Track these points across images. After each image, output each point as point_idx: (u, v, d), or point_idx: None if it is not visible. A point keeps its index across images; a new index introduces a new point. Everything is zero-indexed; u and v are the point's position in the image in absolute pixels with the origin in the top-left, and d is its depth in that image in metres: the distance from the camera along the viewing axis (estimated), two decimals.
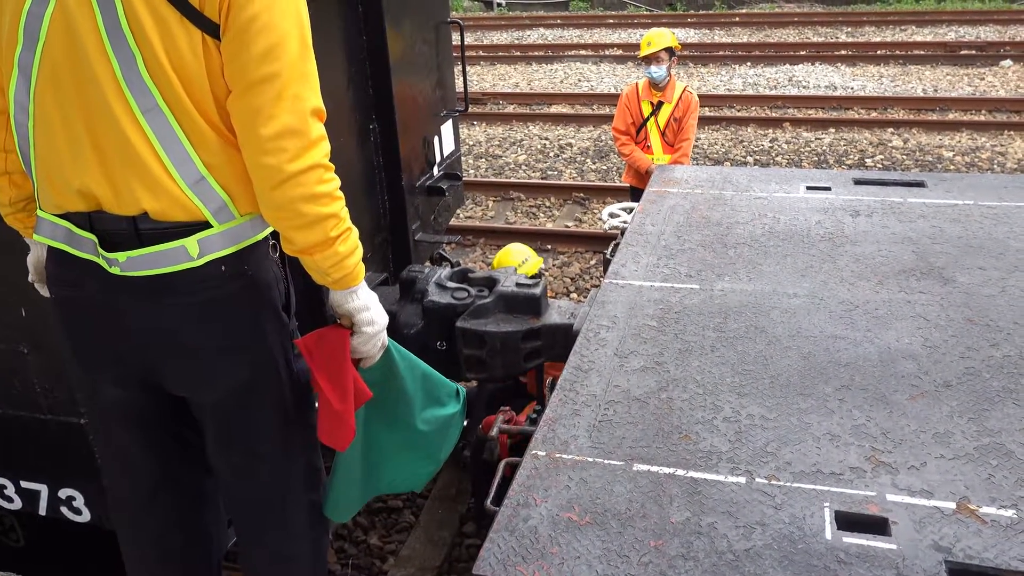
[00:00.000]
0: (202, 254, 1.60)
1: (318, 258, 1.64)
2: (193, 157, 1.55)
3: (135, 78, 1.49)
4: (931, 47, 13.12)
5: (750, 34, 15.72)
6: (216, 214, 1.60)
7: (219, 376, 1.74)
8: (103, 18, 1.47)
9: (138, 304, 1.64)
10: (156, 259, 1.59)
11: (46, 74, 1.54)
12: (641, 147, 5.16)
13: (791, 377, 2.22)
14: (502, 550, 1.66)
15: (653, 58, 4.96)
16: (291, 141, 1.51)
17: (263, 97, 1.49)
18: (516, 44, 15.57)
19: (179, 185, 1.56)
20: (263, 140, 1.50)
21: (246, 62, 1.49)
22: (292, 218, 1.57)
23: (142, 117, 1.51)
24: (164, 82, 1.50)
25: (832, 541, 1.64)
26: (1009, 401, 2.08)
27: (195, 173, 1.56)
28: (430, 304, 3.13)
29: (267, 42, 1.48)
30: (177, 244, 1.58)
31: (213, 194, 1.59)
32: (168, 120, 1.52)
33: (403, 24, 3.39)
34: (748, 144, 8.82)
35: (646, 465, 1.90)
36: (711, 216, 3.41)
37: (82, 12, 1.48)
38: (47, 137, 1.58)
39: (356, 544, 3.35)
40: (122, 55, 1.48)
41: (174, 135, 1.53)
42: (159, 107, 1.51)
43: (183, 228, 1.58)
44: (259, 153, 1.52)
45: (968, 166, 7.84)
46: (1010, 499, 1.73)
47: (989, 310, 2.53)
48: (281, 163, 1.51)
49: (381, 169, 3.40)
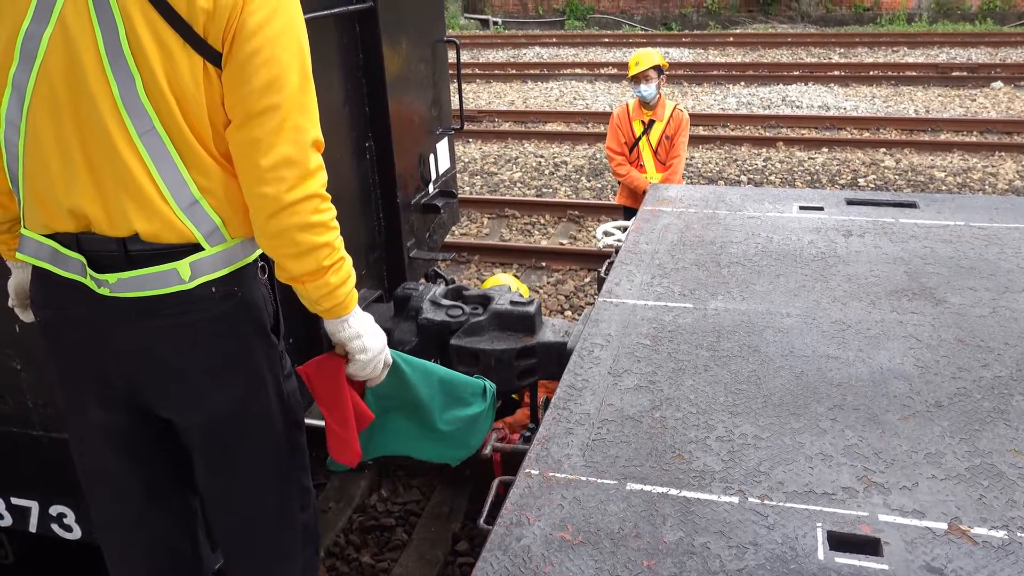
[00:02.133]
0: (194, 277, 1.60)
1: (310, 287, 1.65)
2: (187, 180, 1.55)
3: (133, 100, 1.49)
4: (923, 68, 13.25)
5: (744, 54, 15.85)
6: (208, 237, 1.60)
7: (207, 398, 1.73)
8: (104, 39, 1.47)
9: (126, 326, 1.63)
10: (147, 281, 1.58)
11: (42, 93, 1.53)
12: (634, 166, 5.19)
13: (784, 397, 2.23)
14: (495, 569, 1.66)
15: (642, 77, 4.99)
16: (290, 171, 1.53)
17: (263, 128, 1.51)
18: (512, 62, 15.66)
19: (172, 208, 1.55)
20: (262, 170, 1.52)
21: (247, 93, 1.51)
22: (287, 246, 1.59)
23: (138, 139, 1.51)
24: (162, 105, 1.50)
25: (825, 561, 1.64)
26: (1000, 422, 2.09)
27: (188, 196, 1.56)
28: (424, 321, 3.13)
29: (269, 75, 1.50)
30: (169, 267, 1.58)
31: (206, 217, 1.59)
32: (164, 143, 1.52)
33: (400, 42, 3.41)
34: (742, 163, 8.87)
35: (639, 484, 1.90)
36: (705, 235, 3.43)
37: (82, 32, 1.48)
38: (39, 156, 1.57)
39: (348, 562, 3.33)
40: (121, 76, 1.48)
41: (169, 158, 1.53)
42: (155, 130, 1.51)
43: (175, 250, 1.58)
44: (258, 182, 1.53)
45: (960, 187, 7.90)
46: (1001, 520, 1.74)
47: (980, 331, 2.55)
48: (279, 192, 1.53)
49: (377, 186, 3.41)
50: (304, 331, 2.59)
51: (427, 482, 3.78)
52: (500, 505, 1.89)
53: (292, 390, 1.86)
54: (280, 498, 1.91)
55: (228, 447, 1.81)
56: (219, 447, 1.81)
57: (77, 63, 1.49)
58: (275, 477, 1.88)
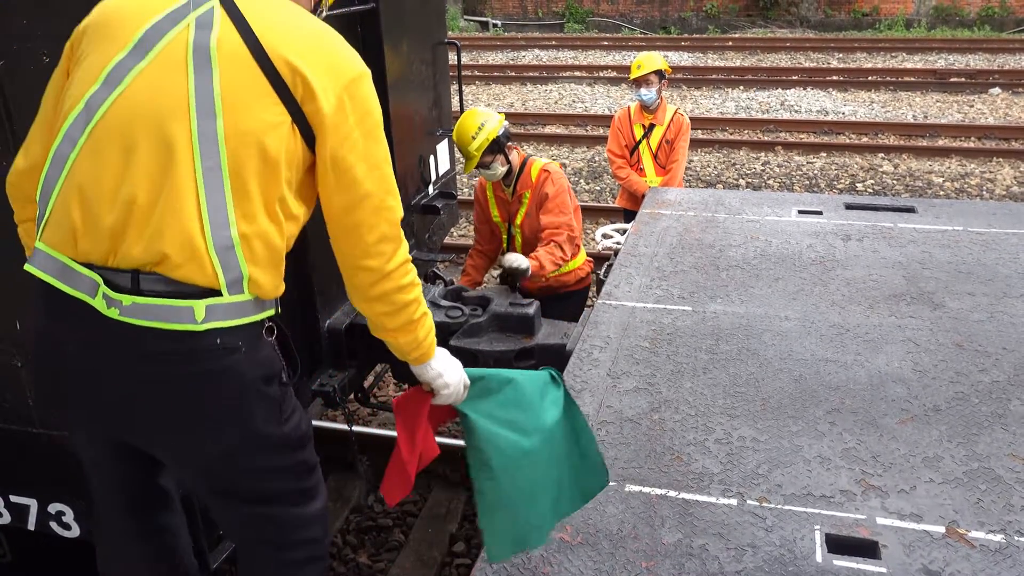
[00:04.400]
0: (206, 320, 1.58)
1: (401, 340, 1.83)
2: (232, 222, 1.57)
3: (210, 137, 1.54)
4: (921, 74, 13.29)
5: (743, 58, 15.89)
6: (230, 285, 1.60)
7: (197, 450, 1.71)
8: (196, 79, 1.54)
9: (122, 363, 1.59)
10: (162, 312, 1.56)
11: (114, 114, 1.56)
12: (634, 169, 5.19)
13: (782, 400, 2.24)
14: (495, 570, 1.66)
15: (643, 81, 5.00)
16: (388, 245, 1.72)
17: (364, 211, 1.68)
18: (511, 64, 15.68)
19: (208, 245, 1.56)
20: (368, 245, 1.70)
21: (349, 183, 1.66)
22: (385, 306, 1.77)
23: (200, 173, 1.54)
24: (235, 148, 1.55)
25: (823, 564, 1.65)
26: (998, 426, 2.09)
27: (227, 239, 1.57)
28: None
29: (367, 166, 1.68)
30: (186, 303, 1.57)
31: (235, 265, 1.59)
32: (223, 182, 1.56)
33: (401, 44, 3.42)
34: (740, 167, 8.89)
35: (638, 486, 1.91)
36: (704, 238, 3.43)
37: (176, 69, 1.56)
38: (90, 171, 1.57)
39: (345, 563, 3.33)
40: (203, 113, 1.54)
41: (223, 198, 1.56)
42: (220, 167, 1.55)
43: (194, 291, 1.58)
44: (363, 256, 1.71)
45: (957, 192, 7.92)
46: (998, 524, 1.75)
47: (978, 335, 2.56)
48: (382, 264, 1.71)
49: None
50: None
51: (424, 483, 3.78)
52: None
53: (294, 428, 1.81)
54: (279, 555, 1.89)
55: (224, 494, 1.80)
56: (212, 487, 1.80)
57: (161, 95, 1.55)
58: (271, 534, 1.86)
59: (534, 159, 3.86)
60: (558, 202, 3.73)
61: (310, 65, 1.60)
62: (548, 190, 3.74)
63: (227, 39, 1.58)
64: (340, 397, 2.99)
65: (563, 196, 3.73)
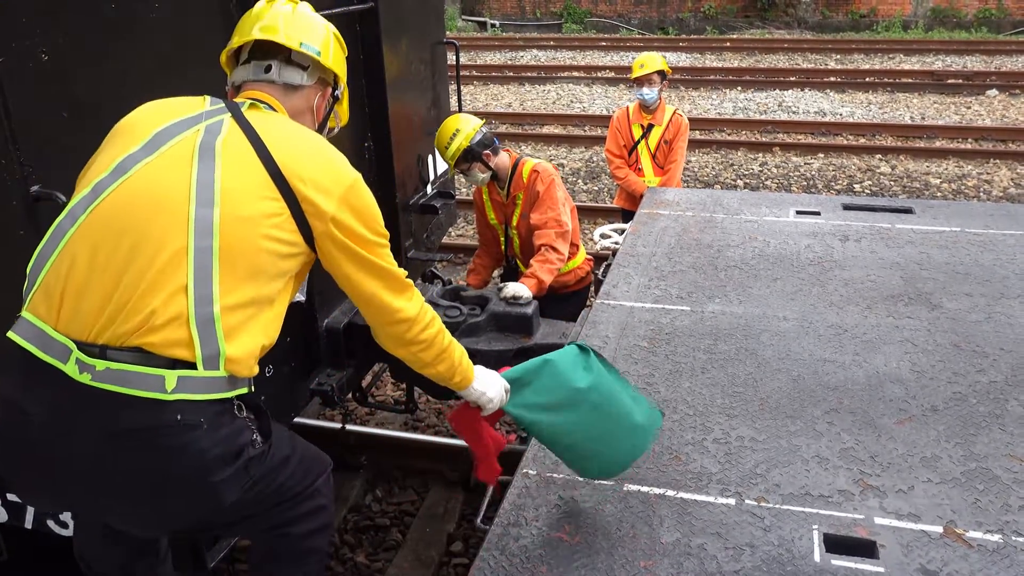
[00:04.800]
0: (176, 391, 1.58)
1: (441, 369, 1.97)
2: (215, 299, 1.61)
3: (206, 222, 1.60)
4: (919, 75, 13.31)
5: (741, 59, 15.90)
6: (206, 360, 1.61)
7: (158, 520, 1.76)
8: (199, 171, 1.63)
9: (85, 436, 1.59)
10: (132, 379, 1.57)
11: (118, 197, 1.63)
12: (632, 169, 5.20)
13: (780, 400, 2.24)
14: (492, 569, 1.66)
15: (645, 80, 5.00)
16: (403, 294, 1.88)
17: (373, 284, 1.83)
18: (509, 64, 15.68)
19: (189, 315, 1.59)
20: (390, 312, 1.87)
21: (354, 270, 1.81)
22: (418, 346, 1.92)
23: (192, 252, 1.59)
24: (228, 233, 1.62)
25: (821, 563, 1.65)
26: (995, 426, 2.10)
27: (208, 314, 1.60)
28: None
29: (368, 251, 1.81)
30: (158, 372, 1.58)
31: (213, 340, 1.61)
32: (213, 260, 1.61)
33: (400, 43, 3.42)
34: (738, 168, 8.89)
35: (636, 485, 1.91)
36: (702, 238, 3.44)
37: (182, 162, 1.65)
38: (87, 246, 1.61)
39: (343, 562, 3.33)
40: (202, 201, 1.61)
41: (210, 276, 1.60)
42: (211, 248, 1.60)
43: (166, 361, 1.59)
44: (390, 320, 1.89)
45: (955, 193, 7.93)
46: (996, 524, 1.75)
47: (976, 336, 2.56)
48: (405, 316, 1.89)
49: (376, 186, 3.42)
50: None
51: (422, 482, 3.78)
52: (497, 505, 1.89)
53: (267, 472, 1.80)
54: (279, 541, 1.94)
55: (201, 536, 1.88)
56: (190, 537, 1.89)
57: (164, 184, 1.63)
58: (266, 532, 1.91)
59: (526, 160, 3.86)
60: (547, 198, 3.73)
61: (312, 169, 1.72)
62: (539, 188, 3.74)
63: (233, 139, 1.70)
64: (338, 396, 2.99)
65: (553, 192, 3.73)
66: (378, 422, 4.26)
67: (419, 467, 3.83)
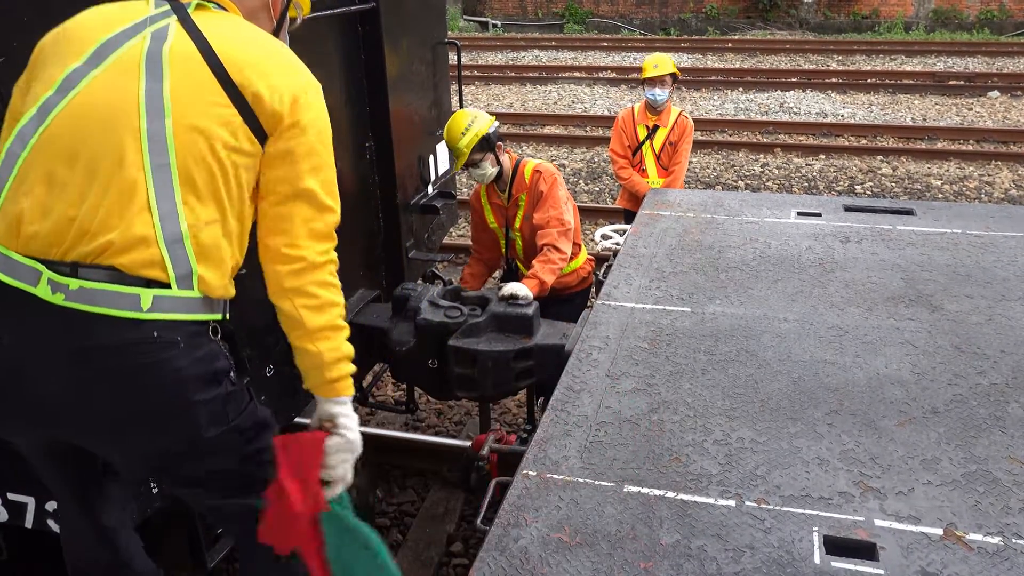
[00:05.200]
0: (151, 310, 1.56)
1: (324, 347, 1.76)
2: (181, 219, 1.58)
3: (159, 136, 1.57)
4: (920, 77, 13.30)
5: (742, 60, 15.90)
6: (179, 280, 1.60)
7: (137, 447, 1.67)
8: (147, 81, 1.58)
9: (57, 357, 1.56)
10: (107, 298, 1.54)
11: (67, 115, 1.59)
12: (636, 170, 5.19)
13: (781, 401, 2.24)
14: (492, 570, 1.66)
15: (657, 81, 5.00)
16: (319, 239, 1.75)
17: (300, 207, 1.72)
18: (511, 65, 15.68)
19: (157, 237, 1.56)
20: (296, 237, 1.72)
21: (292, 177, 1.71)
22: (307, 298, 1.74)
23: (150, 171, 1.56)
24: (184, 145, 1.58)
25: (821, 565, 1.65)
26: (996, 429, 2.10)
27: (176, 232, 1.58)
28: (423, 322, 3.13)
29: (311, 164, 1.72)
30: (132, 291, 1.55)
31: (184, 259, 1.60)
32: (172, 179, 1.58)
33: (401, 43, 3.42)
34: (739, 169, 8.89)
35: (636, 487, 1.91)
36: (703, 240, 3.44)
37: (128, 74, 1.60)
38: (41, 167, 1.57)
39: None
40: (153, 114, 1.57)
41: (171, 193, 1.58)
42: (169, 165, 1.58)
43: (140, 280, 1.56)
44: (290, 246, 1.72)
45: (956, 195, 7.93)
46: (996, 526, 1.75)
47: (977, 338, 2.56)
48: (308, 255, 1.73)
49: (376, 186, 3.42)
50: None
51: (422, 483, 3.78)
52: (497, 506, 1.89)
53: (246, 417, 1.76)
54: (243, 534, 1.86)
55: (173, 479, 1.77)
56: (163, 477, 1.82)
57: (112, 99, 1.58)
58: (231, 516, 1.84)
59: (527, 160, 3.86)
60: (550, 197, 3.72)
61: (263, 71, 1.66)
62: (542, 188, 3.74)
63: (180, 46, 1.63)
64: None
65: (556, 192, 3.73)
66: (378, 422, 4.26)
67: (419, 467, 3.83)
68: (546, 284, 3.46)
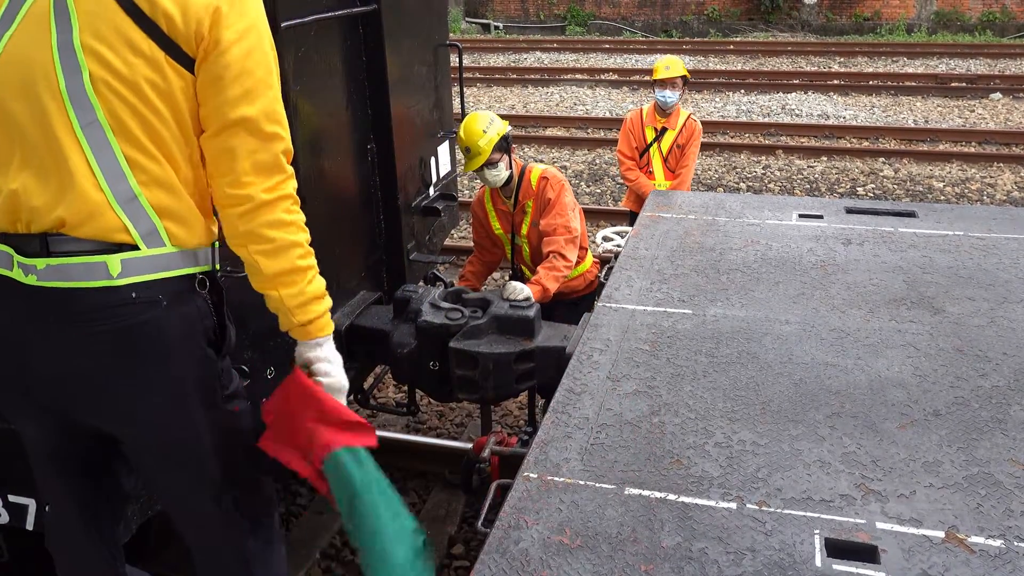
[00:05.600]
0: (123, 275, 1.53)
1: (285, 294, 1.64)
2: (127, 175, 1.52)
3: (78, 92, 1.48)
4: (922, 79, 13.29)
5: (744, 62, 15.90)
6: (145, 238, 1.55)
7: (128, 412, 1.66)
8: (57, 33, 1.48)
9: (45, 333, 1.56)
10: (75, 271, 1.52)
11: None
12: (643, 172, 5.18)
13: (782, 403, 2.24)
14: (492, 572, 1.66)
15: (668, 83, 4.99)
16: (263, 175, 1.58)
17: (239, 138, 1.56)
18: (513, 67, 15.69)
19: (108, 199, 1.52)
20: (238, 174, 1.56)
21: (222, 104, 1.55)
22: (260, 242, 1.60)
23: (80, 131, 1.50)
24: (108, 98, 1.49)
25: (822, 568, 1.65)
26: (998, 431, 2.09)
27: (127, 191, 1.53)
28: (424, 324, 3.13)
29: (243, 87, 1.55)
30: (98, 259, 1.52)
31: (144, 216, 1.55)
32: (106, 136, 1.50)
33: (402, 46, 3.42)
34: (741, 171, 8.89)
35: (637, 489, 1.90)
36: (704, 242, 3.43)
37: (39, 28, 1.49)
38: None
39: (343, 564, 3.33)
40: (69, 69, 1.48)
41: (111, 151, 1.51)
42: (99, 122, 1.50)
43: (106, 247, 1.53)
44: (232, 185, 1.57)
45: (958, 197, 7.92)
46: (998, 529, 1.75)
47: (978, 340, 2.55)
48: (253, 193, 1.57)
49: (378, 188, 3.42)
50: None
51: (424, 484, 3.78)
52: (498, 508, 1.89)
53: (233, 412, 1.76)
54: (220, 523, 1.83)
55: (162, 455, 1.73)
56: (153, 454, 1.74)
57: (30, 56, 1.50)
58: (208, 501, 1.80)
59: (533, 166, 3.85)
60: (557, 203, 3.71)
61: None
62: (550, 195, 3.73)
63: None
64: None
65: (563, 198, 3.73)
66: (380, 424, 4.26)
67: (420, 469, 3.83)
68: (549, 291, 3.45)
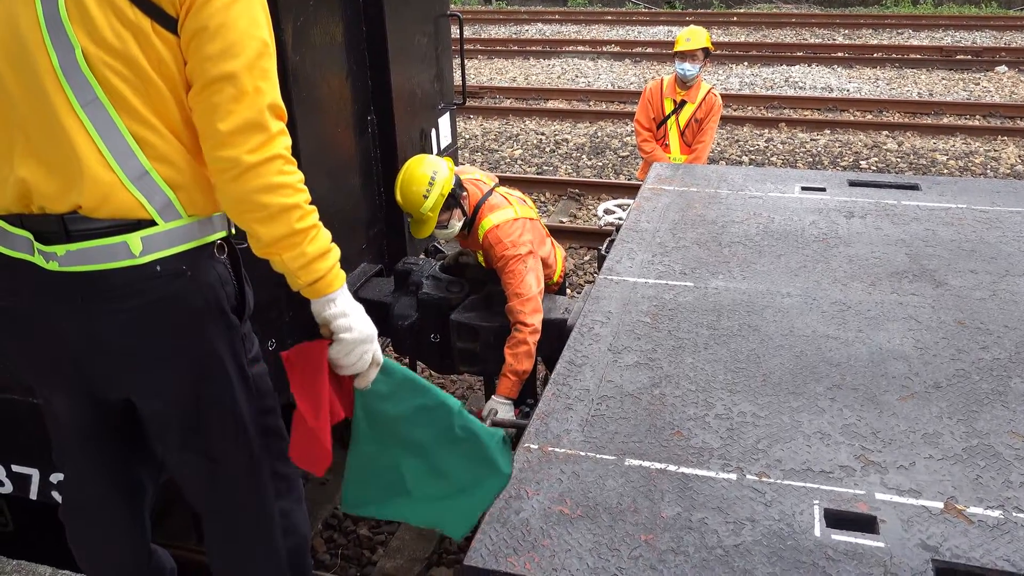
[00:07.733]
0: (145, 252, 1.53)
1: (286, 257, 1.58)
2: (135, 150, 1.50)
3: (73, 70, 1.45)
4: (927, 51, 13.16)
5: (747, 34, 15.74)
6: (162, 212, 1.54)
7: (161, 384, 1.67)
8: (44, 11, 1.44)
9: (73, 312, 1.57)
10: (96, 254, 1.51)
11: None
12: (659, 144, 5.12)
13: (783, 376, 2.24)
14: (493, 542, 1.67)
15: (688, 55, 4.92)
16: (250, 135, 1.49)
17: (222, 95, 1.47)
18: (514, 39, 15.54)
19: (120, 178, 1.50)
20: (222, 135, 1.48)
21: (203, 60, 1.48)
22: (253, 210, 1.53)
23: (81, 110, 1.47)
24: (104, 74, 1.46)
25: (821, 538, 1.66)
26: (998, 403, 2.10)
27: (138, 167, 1.51)
28: (425, 296, 3.13)
29: (225, 41, 1.47)
30: (119, 240, 1.52)
31: (158, 190, 1.53)
32: (109, 113, 1.48)
33: (403, 16, 3.38)
34: (744, 143, 8.84)
35: (638, 460, 1.91)
36: (706, 214, 3.42)
37: (25, 8, 1.45)
38: None
39: (346, 534, 3.36)
40: (61, 47, 1.44)
41: (115, 127, 1.48)
42: (99, 100, 1.47)
43: (124, 225, 1.52)
44: (218, 147, 1.49)
45: (962, 170, 7.88)
46: (997, 500, 1.75)
47: (980, 313, 2.55)
48: (240, 155, 1.48)
49: (378, 160, 3.40)
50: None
51: None
52: None
53: (260, 374, 1.78)
54: (251, 485, 1.84)
55: (188, 428, 1.75)
56: (179, 428, 1.75)
57: (19, 39, 1.46)
58: (243, 464, 1.82)
59: (483, 215, 3.16)
60: (505, 272, 3.04)
61: None
62: (498, 263, 3.09)
63: None
64: None
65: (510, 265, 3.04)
66: None
67: None
68: (524, 372, 2.99)
